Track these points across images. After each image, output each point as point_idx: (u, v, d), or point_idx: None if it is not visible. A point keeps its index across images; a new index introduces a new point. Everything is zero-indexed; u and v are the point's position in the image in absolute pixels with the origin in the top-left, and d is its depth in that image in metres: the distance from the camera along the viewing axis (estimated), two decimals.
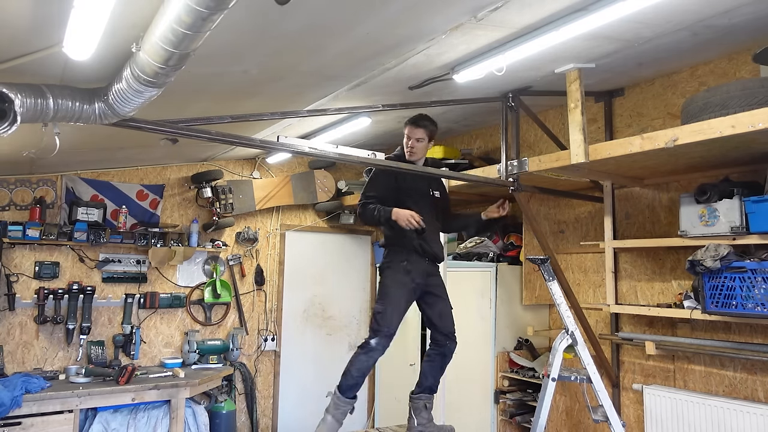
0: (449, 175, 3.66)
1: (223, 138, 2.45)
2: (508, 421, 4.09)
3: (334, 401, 2.96)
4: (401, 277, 3.05)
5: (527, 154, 4.28)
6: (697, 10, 2.60)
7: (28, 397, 3.66)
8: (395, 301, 3.01)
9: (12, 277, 4.30)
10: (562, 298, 3.01)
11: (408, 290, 3.05)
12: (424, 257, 3.10)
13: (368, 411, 5.71)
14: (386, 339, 2.94)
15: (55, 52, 2.06)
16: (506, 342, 4.25)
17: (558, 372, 2.94)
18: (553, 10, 2.46)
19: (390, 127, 4.58)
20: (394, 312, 2.98)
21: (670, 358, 3.56)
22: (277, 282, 5.54)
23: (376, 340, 2.92)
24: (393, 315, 2.97)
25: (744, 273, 2.85)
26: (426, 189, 3.25)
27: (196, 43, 1.53)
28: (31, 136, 2.92)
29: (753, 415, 2.98)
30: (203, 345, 4.90)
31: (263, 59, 2.69)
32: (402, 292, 3.04)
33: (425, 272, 3.12)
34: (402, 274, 3.05)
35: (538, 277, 4.19)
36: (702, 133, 2.59)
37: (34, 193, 4.48)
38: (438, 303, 3.15)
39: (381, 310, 2.98)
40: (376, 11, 2.28)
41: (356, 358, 2.96)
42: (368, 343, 2.94)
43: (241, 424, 5.24)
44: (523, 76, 3.35)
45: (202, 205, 5.16)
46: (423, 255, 3.09)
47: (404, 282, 3.04)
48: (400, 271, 3.06)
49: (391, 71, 3.06)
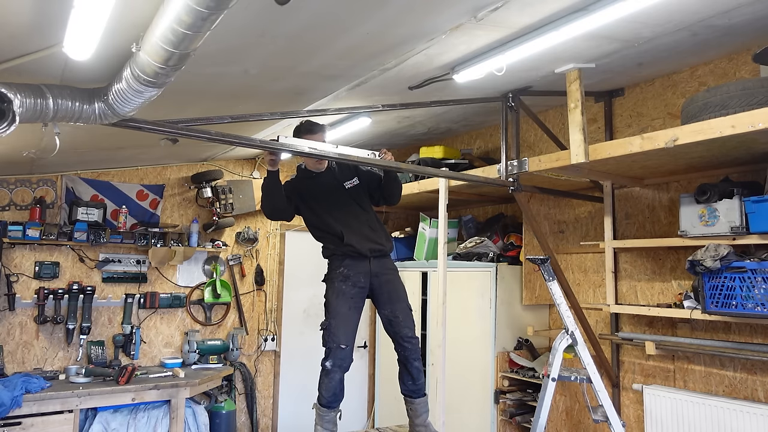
0: (449, 175, 3.66)
1: (222, 138, 2.44)
2: (508, 421, 4.09)
3: (317, 412, 2.91)
4: (340, 286, 2.91)
5: (527, 154, 4.28)
6: (697, 10, 2.60)
7: (28, 397, 3.66)
8: (338, 312, 2.87)
9: (12, 277, 4.30)
10: (562, 298, 3.01)
11: (350, 297, 2.91)
12: (362, 257, 2.95)
13: (368, 411, 5.71)
14: (339, 356, 2.81)
15: (55, 52, 2.06)
16: (506, 342, 4.25)
17: (558, 372, 2.94)
18: (553, 10, 2.46)
19: (390, 126, 4.58)
20: (338, 324, 2.85)
21: (670, 358, 3.56)
22: (277, 282, 5.54)
23: (330, 361, 2.81)
24: (339, 328, 2.84)
25: (744, 273, 2.85)
26: (336, 185, 3.07)
27: (196, 43, 1.53)
28: (31, 136, 2.92)
29: (753, 415, 2.98)
30: (203, 345, 4.90)
31: (263, 59, 2.69)
32: (343, 300, 2.89)
33: (368, 273, 2.96)
34: (340, 283, 2.92)
35: (538, 277, 4.19)
36: (702, 133, 2.59)
37: (34, 193, 4.48)
38: (385, 307, 2.99)
39: (326, 326, 2.87)
40: (376, 11, 2.28)
41: (321, 382, 2.88)
42: (324, 365, 2.84)
43: (241, 424, 5.24)
44: (523, 76, 3.35)
45: (202, 205, 5.16)
46: (359, 255, 2.94)
47: (343, 290, 2.90)
48: (337, 279, 2.93)
49: (391, 71, 3.06)
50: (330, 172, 3.11)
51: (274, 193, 3.01)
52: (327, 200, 3.04)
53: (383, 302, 3.01)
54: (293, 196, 3.08)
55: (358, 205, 3.08)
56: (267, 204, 3.07)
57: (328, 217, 3.02)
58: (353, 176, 3.12)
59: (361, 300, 2.99)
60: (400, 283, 3.10)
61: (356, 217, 3.03)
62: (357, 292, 2.94)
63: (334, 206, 3.03)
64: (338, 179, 3.10)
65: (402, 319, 2.97)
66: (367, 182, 3.14)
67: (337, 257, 2.99)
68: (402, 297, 3.05)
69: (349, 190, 3.08)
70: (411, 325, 3.00)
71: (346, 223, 2.98)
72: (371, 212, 3.14)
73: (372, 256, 2.98)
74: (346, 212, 3.02)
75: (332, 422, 2.91)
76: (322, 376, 2.88)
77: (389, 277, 3.05)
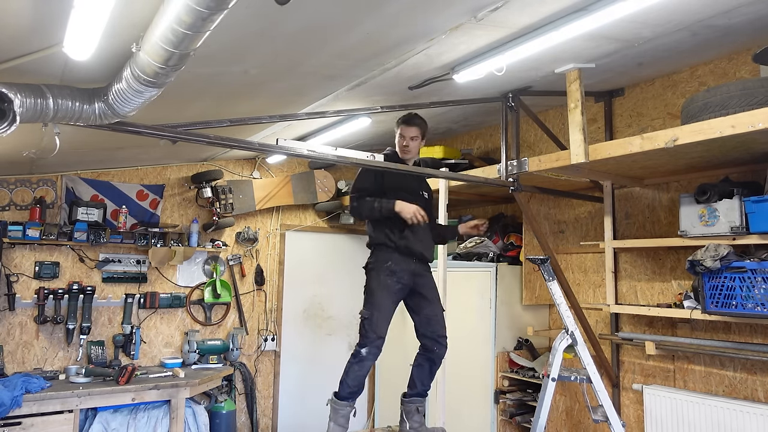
0: (449, 175, 3.66)
1: (222, 141, 2.45)
2: (508, 421, 4.09)
3: (332, 407, 2.94)
4: (385, 279, 2.97)
5: (527, 154, 4.28)
6: (697, 10, 2.60)
7: (28, 397, 3.66)
8: (381, 305, 2.94)
9: (12, 277, 4.30)
10: (562, 298, 3.01)
11: (393, 292, 2.99)
12: (410, 257, 3.03)
13: (368, 411, 5.71)
14: (376, 345, 2.90)
15: (55, 52, 2.06)
16: (506, 342, 4.25)
17: (558, 372, 2.94)
18: (553, 10, 2.46)
19: (390, 126, 4.56)
20: (380, 317, 2.92)
21: (670, 358, 3.56)
22: (277, 282, 5.54)
23: (366, 349, 2.89)
24: (380, 320, 2.91)
25: (744, 273, 2.85)
26: (417, 189, 3.19)
27: (196, 43, 1.53)
28: (31, 136, 2.92)
29: (753, 415, 2.98)
30: (203, 345, 4.90)
31: (263, 59, 2.69)
32: (387, 294, 2.97)
33: (411, 272, 3.04)
34: (386, 276, 2.98)
35: (538, 277, 4.19)
36: (702, 133, 2.59)
37: (34, 193, 4.48)
38: (425, 306, 3.07)
39: (368, 316, 2.92)
40: (376, 11, 2.28)
41: (350, 368, 2.93)
42: (359, 352, 2.90)
43: (241, 424, 5.24)
44: (523, 76, 3.35)
45: (202, 205, 5.16)
46: (409, 255, 3.03)
47: (389, 284, 2.97)
48: (384, 273, 2.98)
49: (391, 71, 3.06)
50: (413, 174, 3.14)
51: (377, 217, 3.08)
52: (407, 194, 3.08)
53: (422, 302, 3.09)
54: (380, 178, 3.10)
55: (429, 212, 3.18)
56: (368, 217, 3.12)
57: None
58: (427, 190, 3.28)
59: (401, 297, 3.08)
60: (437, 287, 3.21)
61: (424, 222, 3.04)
62: (399, 289, 3.02)
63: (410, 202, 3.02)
64: (419, 184, 3.23)
65: (440, 319, 3.10)
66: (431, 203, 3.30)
67: (386, 250, 3.03)
68: (439, 300, 3.18)
69: (423, 198, 3.21)
70: (446, 327, 3.12)
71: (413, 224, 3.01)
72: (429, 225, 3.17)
73: (418, 259, 3.08)
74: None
75: (346, 417, 2.94)
76: (353, 364, 2.92)
77: (430, 279, 3.16)
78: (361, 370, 2.92)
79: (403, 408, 3.13)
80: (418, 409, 3.09)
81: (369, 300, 2.99)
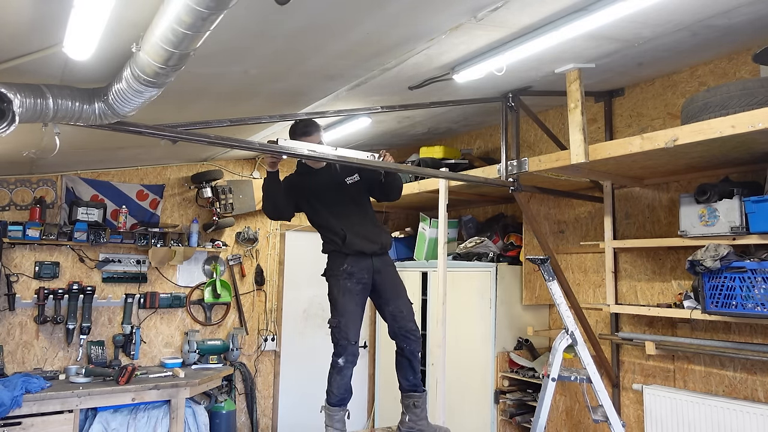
0: (449, 175, 3.66)
1: (222, 141, 2.45)
2: (508, 421, 4.09)
3: (326, 413, 2.92)
4: (345, 283, 2.92)
5: (527, 154, 4.28)
6: (697, 10, 2.60)
7: (28, 397, 3.66)
8: (346, 310, 2.90)
9: (12, 277, 4.30)
10: (562, 298, 3.01)
11: (355, 294, 2.94)
12: (361, 255, 2.97)
13: (368, 411, 5.71)
14: (351, 353, 2.86)
15: (55, 52, 2.06)
16: (506, 342, 4.24)
17: (558, 372, 2.94)
18: (553, 10, 2.46)
19: (390, 126, 4.58)
20: (348, 322, 2.88)
21: (670, 358, 3.56)
22: (277, 282, 5.54)
23: (342, 358, 2.85)
24: (349, 325, 2.87)
25: (744, 273, 2.85)
26: (336, 182, 3.07)
27: (196, 43, 1.53)
28: (31, 136, 2.92)
29: (753, 415, 2.98)
30: (203, 345, 4.90)
31: (263, 59, 2.69)
32: (350, 297, 2.91)
33: (370, 270, 2.98)
34: (344, 279, 2.93)
35: (538, 277, 4.19)
36: (702, 133, 2.59)
37: (34, 193, 4.48)
38: (389, 303, 3.02)
39: (336, 324, 2.88)
40: (376, 11, 2.28)
41: (332, 378, 2.90)
42: (336, 362, 2.87)
43: (241, 424, 5.24)
44: (523, 76, 3.35)
45: (202, 205, 5.16)
46: (359, 253, 2.96)
47: (349, 287, 2.92)
48: (342, 277, 2.93)
49: (391, 71, 3.06)
50: (329, 167, 3.10)
51: (275, 193, 3.03)
52: (328, 197, 3.04)
53: (387, 298, 3.04)
54: (293, 193, 3.08)
55: (359, 202, 3.10)
56: (268, 204, 3.09)
57: (329, 215, 3.02)
58: (354, 172, 3.11)
59: (366, 296, 3.03)
60: (400, 279, 3.14)
61: (357, 214, 3.04)
62: (361, 289, 2.97)
63: (335, 204, 3.03)
64: (339, 175, 3.10)
65: (406, 313, 3.03)
66: (368, 178, 3.13)
67: (339, 254, 2.99)
68: (403, 292, 3.10)
69: (350, 186, 3.09)
70: (414, 319, 3.06)
71: (347, 221, 2.98)
72: (370, 209, 3.16)
73: (375, 254, 3.01)
74: (347, 209, 3.03)
75: (342, 422, 2.91)
76: (333, 374, 2.90)
77: (391, 272, 3.09)
78: (344, 379, 2.87)
79: (401, 403, 3.13)
80: (414, 404, 3.05)
81: (334, 307, 2.94)
